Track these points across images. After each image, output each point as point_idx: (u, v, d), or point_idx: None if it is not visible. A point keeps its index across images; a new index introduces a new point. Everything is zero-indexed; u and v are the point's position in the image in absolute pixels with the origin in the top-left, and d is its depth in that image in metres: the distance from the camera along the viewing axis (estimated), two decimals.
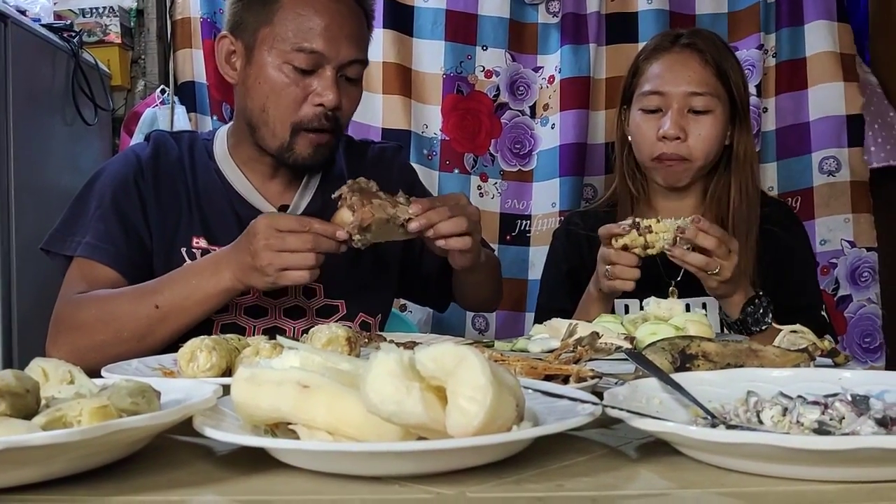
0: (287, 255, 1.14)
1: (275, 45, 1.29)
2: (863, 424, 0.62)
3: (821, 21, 2.36)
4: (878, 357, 2.32)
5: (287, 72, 1.28)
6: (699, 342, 0.88)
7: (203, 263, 1.24)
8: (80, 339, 1.22)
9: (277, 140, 1.31)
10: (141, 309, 1.20)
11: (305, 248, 1.14)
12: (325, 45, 1.27)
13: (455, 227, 1.20)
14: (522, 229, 2.40)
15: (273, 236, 1.14)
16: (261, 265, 1.14)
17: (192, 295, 1.20)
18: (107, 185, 1.35)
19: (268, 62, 1.29)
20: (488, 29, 2.38)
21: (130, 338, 1.20)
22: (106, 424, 0.58)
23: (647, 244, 1.29)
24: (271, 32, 1.29)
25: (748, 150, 1.54)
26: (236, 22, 1.34)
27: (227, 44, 1.36)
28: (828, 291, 2.35)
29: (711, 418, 0.68)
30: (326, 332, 0.91)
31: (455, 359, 0.58)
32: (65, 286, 1.30)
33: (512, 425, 0.59)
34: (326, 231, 1.16)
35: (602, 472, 0.61)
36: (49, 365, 0.71)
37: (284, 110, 1.29)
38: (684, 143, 1.48)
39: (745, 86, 1.56)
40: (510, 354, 0.97)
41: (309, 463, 0.61)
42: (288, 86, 1.28)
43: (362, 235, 1.16)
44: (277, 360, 0.69)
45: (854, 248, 2.34)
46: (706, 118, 1.49)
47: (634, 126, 1.54)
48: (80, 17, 2.43)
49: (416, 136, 2.36)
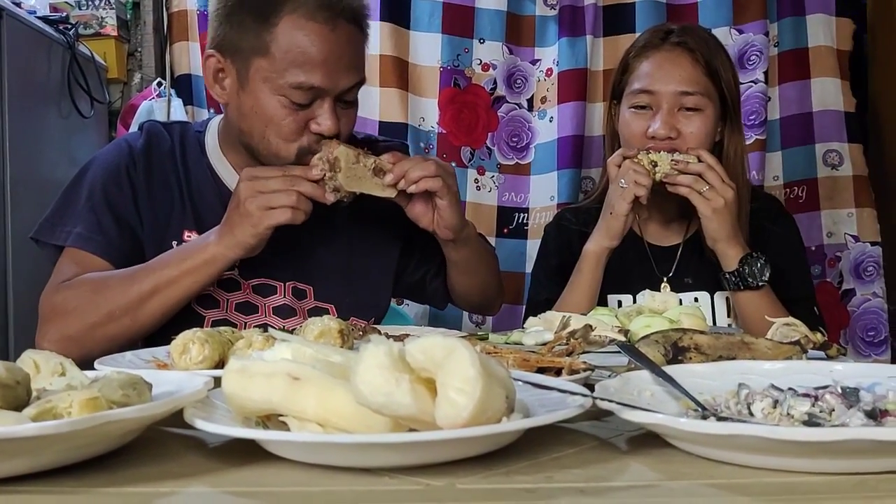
0: (269, 195, 1.20)
1: (270, 77, 1.24)
2: (852, 416, 0.62)
3: (821, 14, 2.35)
4: (882, 351, 2.31)
5: (285, 104, 1.25)
6: (691, 335, 0.88)
7: (194, 240, 1.29)
8: (71, 325, 1.21)
9: (280, 160, 1.29)
10: (132, 285, 1.22)
11: (286, 187, 1.20)
12: (324, 79, 1.24)
13: (425, 169, 1.25)
14: (520, 222, 2.40)
15: (255, 182, 1.21)
16: (246, 210, 1.19)
17: (181, 265, 1.22)
18: (98, 175, 1.34)
19: (264, 92, 1.25)
20: (485, 22, 2.37)
21: (122, 315, 1.20)
22: (95, 416, 0.58)
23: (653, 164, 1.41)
24: (266, 64, 1.24)
25: (738, 148, 1.55)
26: (223, 42, 1.29)
27: (214, 63, 1.31)
28: (833, 284, 2.35)
29: (702, 410, 0.69)
30: (319, 324, 0.91)
31: (444, 350, 0.58)
32: (55, 275, 1.29)
33: (502, 417, 0.59)
34: (305, 173, 1.22)
35: (592, 464, 0.62)
36: (40, 357, 0.71)
37: (284, 141, 1.27)
38: (675, 142, 1.48)
39: (736, 83, 1.56)
40: (504, 347, 0.97)
41: (299, 454, 0.61)
42: (287, 116, 1.26)
43: (333, 174, 1.22)
44: (269, 352, 0.69)
45: (858, 243, 2.33)
46: (697, 116, 1.49)
47: (624, 123, 1.54)
48: (76, 10, 2.42)
49: (413, 129, 2.35)
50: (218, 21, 1.31)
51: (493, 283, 1.54)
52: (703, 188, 1.40)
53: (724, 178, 1.40)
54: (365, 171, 1.25)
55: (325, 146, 1.24)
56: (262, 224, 1.19)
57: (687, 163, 1.41)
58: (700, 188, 1.40)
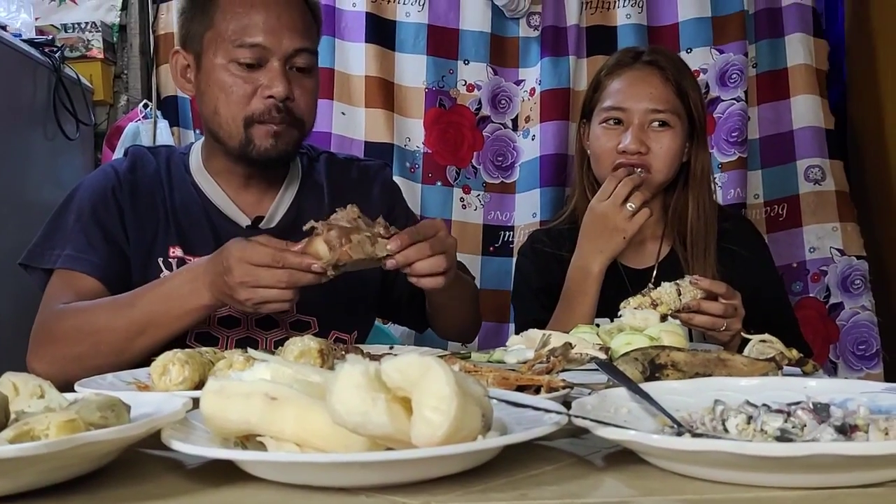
0: (263, 291, 1.12)
1: (219, 47, 1.31)
2: (823, 432, 0.63)
3: (800, 34, 2.39)
4: (874, 364, 2.31)
5: (234, 70, 1.30)
6: (669, 352, 0.89)
7: (181, 279, 1.22)
8: (60, 351, 1.22)
9: (234, 138, 1.32)
10: (119, 322, 1.20)
11: (281, 284, 1.12)
12: (266, 37, 1.29)
13: (433, 266, 1.17)
14: (505, 240, 2.41)
15: (247, 273, 1.11)
16: (239, 300, 1.13)
17: (170, 311, 1.20)
18: (85, 198, 1.36)
19: (215, 65, 1.31)
20: (469, 43, 2.40)
21: (109, 351, 1.20)
22: (73, 437, 0.58)
23: (654, 302, 1.28)
24: (213, 35, 1.32)
25: (705, 168, 1.58)
26: (184, 35, 1.38)
27: (180, 59, 1.38)
28: (819, 299, 2.36)
29: (678, 427, 0.69)
30: (299, 344, 0.91)
31: (420, 369, 0.59)
32: (46, 298, 1.30)
33: (478, 435, 0.60)
34: (301, 265, 1.11)
35: (567, 481, 0.62)
36: (19, 379, 0.71)
37: (235, 107, 1.31)
38: (645, 157, 1.50)
39: (703, 105, 1.60)
40: (484, 365, 0.97)
41: (276, 474, 0.62)
42: (235, 83, 1.30)
43: (337, 270, 1.13)
44: (248, 373, 0.69)
45: (844, 257, 2.34)
46: (666, 134, 1.52)
47: (594, 139, 1.57)
48: (62, 33, 2.43)
49: (399, 149, 2.37)
50: (180, 24, 1.39)
51: (470, 318, 1.53)
52: (721, 327, 1.29)
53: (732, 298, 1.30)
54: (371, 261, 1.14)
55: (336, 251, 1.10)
56: (253, 309, 1.17)
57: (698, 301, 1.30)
58: (719, 327, 1.29)
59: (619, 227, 1.47)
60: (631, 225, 1.46)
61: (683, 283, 1.29)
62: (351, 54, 2.35)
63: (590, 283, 1.49)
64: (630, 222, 1.46)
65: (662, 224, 1.59)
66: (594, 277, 1.49)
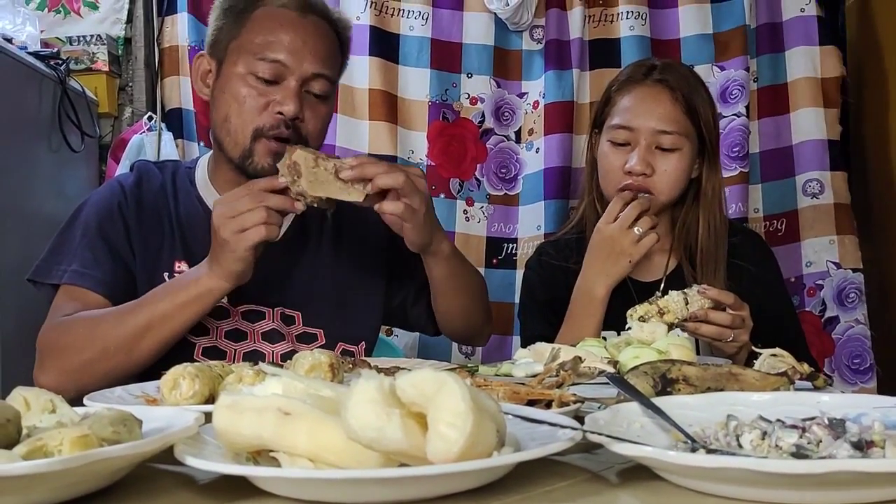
0: (239, 218, 1.19)
1: (241, 57, 1.33)
2: (839, 448, 0.62)
3: (801, 47, 2.40)
4: (868, 378, 2.31)
5: (251, 82, 1.32)
6: (680, 366, 0.89)
7: (185, 273, 1.29)
8: (68, 360, 1.22)
9: (239, 147, 1.33)
10: (126, 321, 1.22)
11: (253, 205, 1.19)
12: (288, 55, 1.31)
13: (393, 182, 1.21)
14: (509, 253, 2.41)
15: (224, 207, 1.20)
16: (222, 238, 1.18)
17: (174, 299, 1.22)
18: (91, 214, 1.37)
19: (234, 74, 1.33)
20: (473, 56, 2.40)
21: (117, 352, 1.21)
22: (87, 454, 0.58)
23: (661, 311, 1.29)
24: (238, 45, 1.34)
25: (716, 186, 1.57)
26: (212, 41, 1.40)
27: (203, 62, 1.41)
28: (814, 313, 2.35)
29: (692, 442, 0.69)
30: (309, 358, 0.91)
31: (435, 385, 0.58)
32: (52, 313, 1.30)
33: (493, 451, 0.60)
34: (269, 185, 1.21)
35: (582, 497, 0.62)
36: (30, 394, 0.71)
37: (246, 117, 1.32)
38: (650, 178, 1.50)
39: (716, 121, 1.59)
40: (494, 379, 0.97)
41: (289, 490, 0.61)
42: (250, 94, 1.31)
43: (295, 179, 1.20)
44: (259, 387, 0.69)
45: (840, 270, 2.34)
46: (673, 155, 1.51)
47: (602, 155, 1.57)
48: (67, 45, 2.44)
49: (403, 161, 2.37)
50: (211, 30, 1.41)
51: (476, 308, 1.51)
52: (728, 337, 1.31)
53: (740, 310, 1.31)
54: (327, 175, 1.22)
55: (286, 152, 1.23)
56: (240, 247, 1.19)
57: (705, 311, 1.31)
58: (726, 337, 1.31)
59: (626, 251, 1.47)
60: (637, 249, 1.47)
61: (691, 292, 1.29)
62: (354, 67, 2.35)
63: (595, 307, 1.49)
64: (637, 247, 1.46)
65: (670, 238, 1.58)
66: (599, 301, 1.49)
